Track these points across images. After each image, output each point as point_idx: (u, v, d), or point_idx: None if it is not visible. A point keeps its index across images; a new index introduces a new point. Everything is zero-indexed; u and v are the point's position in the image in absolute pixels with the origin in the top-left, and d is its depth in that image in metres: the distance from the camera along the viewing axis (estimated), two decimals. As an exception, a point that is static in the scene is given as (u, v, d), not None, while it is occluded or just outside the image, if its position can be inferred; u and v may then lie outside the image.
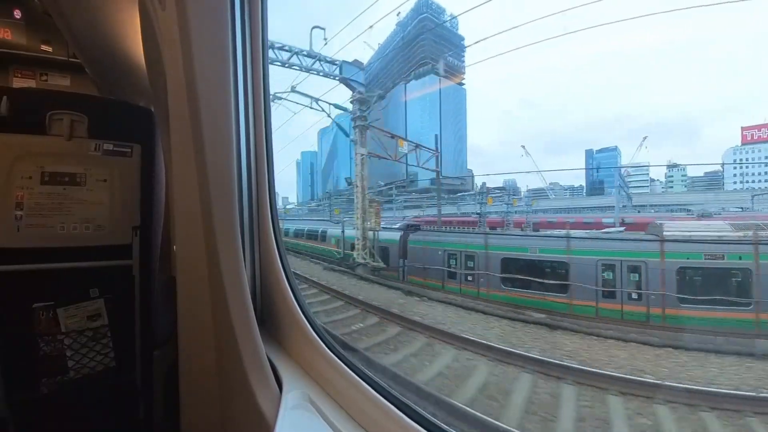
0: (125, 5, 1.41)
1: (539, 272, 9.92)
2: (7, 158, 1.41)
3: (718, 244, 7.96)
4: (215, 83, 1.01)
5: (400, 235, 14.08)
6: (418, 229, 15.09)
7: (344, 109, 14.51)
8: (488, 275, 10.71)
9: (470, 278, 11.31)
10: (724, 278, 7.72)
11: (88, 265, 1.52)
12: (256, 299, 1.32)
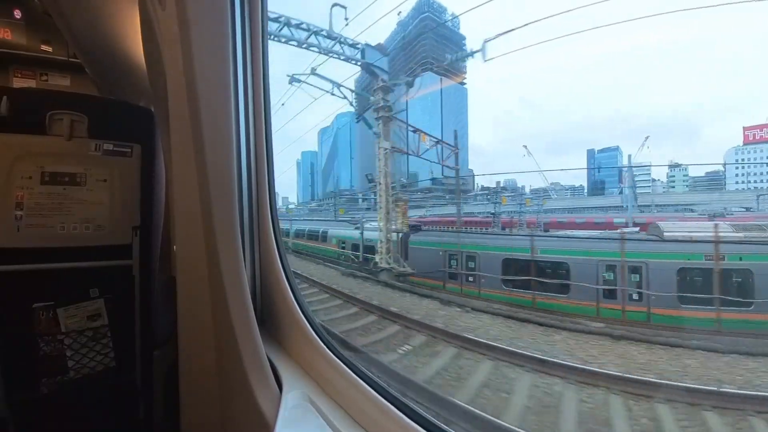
0: (125, 5, 1.41)
1: (545, 274, 9.81)
2: (7, 158, 1.41)
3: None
4: (215, 83, 1.01)
5: (400, 236, 14.03)
6: (419, 229, 15.05)
7: (367, 96, 13.46)
8: (489, 276, 10.62)
9: (471, 279, 11.20)
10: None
11: (88, 265, 1.52)
12: (256, 299, 1.32)
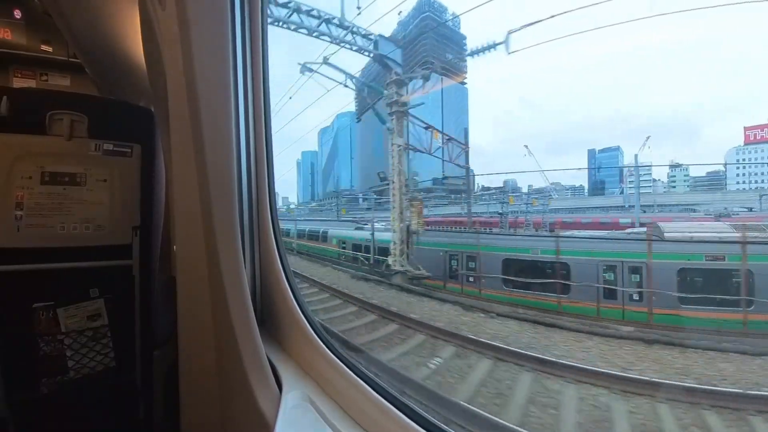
0: (125, 5, 1.41)
1: (542, 274, 9.79)
2: (7, 158, 1.41)
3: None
4: (215, 83, 1.01)
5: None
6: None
7: (380, 90, 12.60)
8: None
9: (470, 279, 11.17)
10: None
11: (88, 265, 1.52)
12: (256, 299, 1.32)
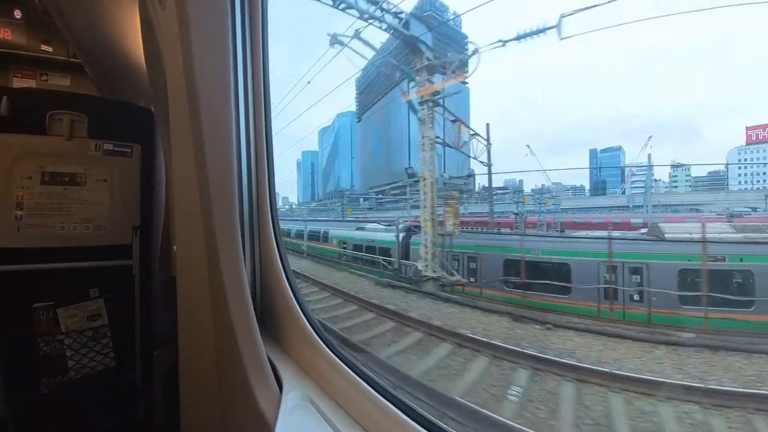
0: (125, 5, 1.41)
1: (544, 275, 9.73)
2: (7, 158, 1.41)
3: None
4: (215, 83, 1.01)
5: (401, 237, 13.93)
6: (419, 230, 14.97)
7: (411, 75, 11.66)
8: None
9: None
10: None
11: (88, 265, 1.52)
12: (256, 299, 1.32)
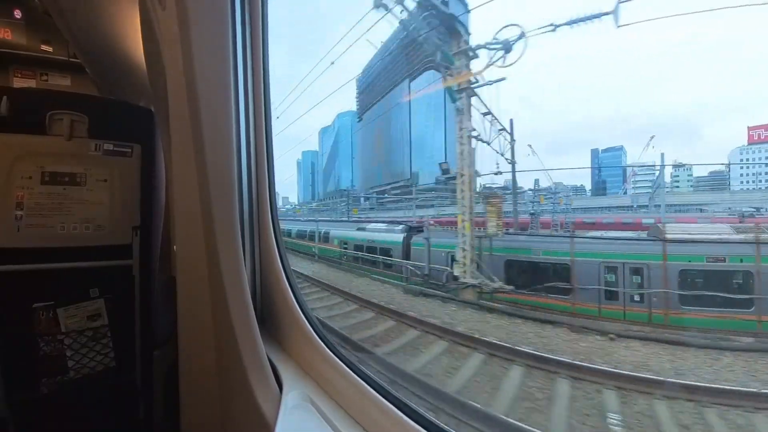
0: (125, 5, 1.41)
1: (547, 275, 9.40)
2: (7, 158, 1.41)
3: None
4: (215, 83, 1.01)
5: (402, 237, 13.88)
6: (420, 230, 14.98)
7: (451, 59, 10.43)
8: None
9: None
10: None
11: (88, 265, 1.52)
12: (256, 299, 1.32)
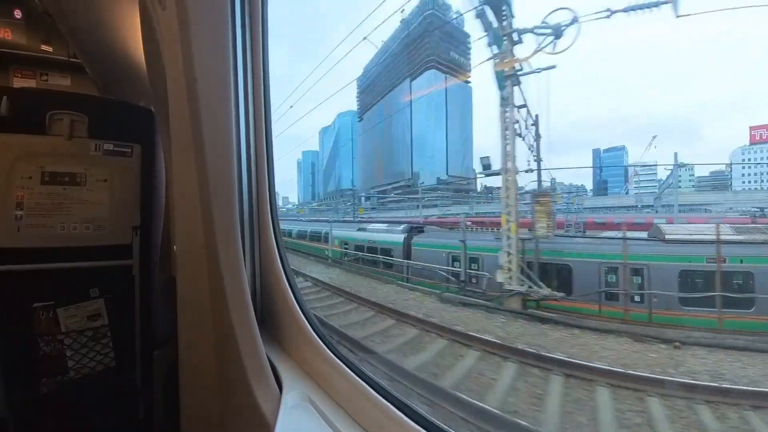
0: (125, 5, 1.41)
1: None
2: (7, 158, 1.41)
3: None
4: (215, 83, 1.01)
5: (403, 237, 13.87)
6: (421, 230, 14.96)
7: (500, 42, 9.52)
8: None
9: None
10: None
11: (88, 265, 1.52)
12: (256, 299, 1.32)
